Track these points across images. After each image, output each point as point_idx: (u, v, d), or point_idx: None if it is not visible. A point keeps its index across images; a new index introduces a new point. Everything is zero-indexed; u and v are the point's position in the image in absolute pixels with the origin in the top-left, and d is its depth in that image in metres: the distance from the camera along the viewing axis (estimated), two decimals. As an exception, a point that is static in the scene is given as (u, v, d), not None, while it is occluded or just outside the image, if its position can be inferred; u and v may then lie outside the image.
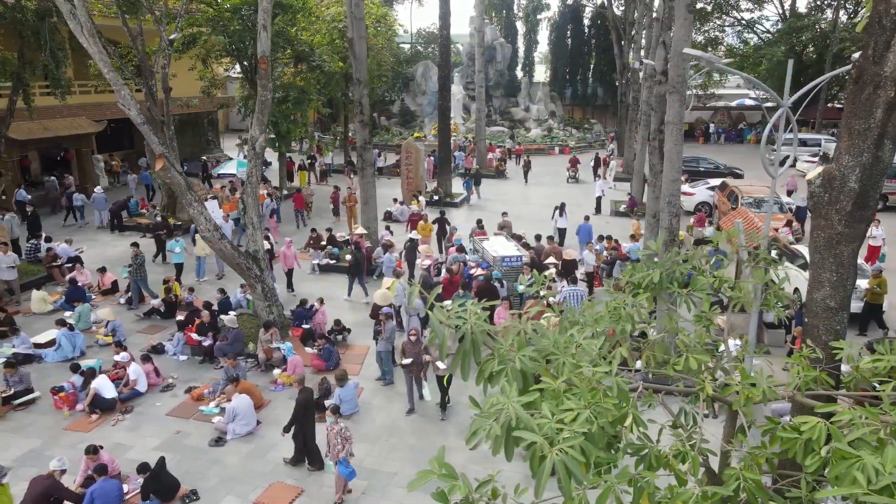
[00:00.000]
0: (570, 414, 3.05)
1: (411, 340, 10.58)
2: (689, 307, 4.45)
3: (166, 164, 11.33)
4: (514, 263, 14.15)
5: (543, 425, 2.98)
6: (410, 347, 10.57)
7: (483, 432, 3.14)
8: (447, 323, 3.47)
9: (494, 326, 3.67)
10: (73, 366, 11.06)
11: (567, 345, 3.64)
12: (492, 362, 3.48)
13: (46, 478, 7.91)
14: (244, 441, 9.91)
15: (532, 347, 3.55)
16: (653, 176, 16.74)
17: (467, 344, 3.45)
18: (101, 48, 10.95)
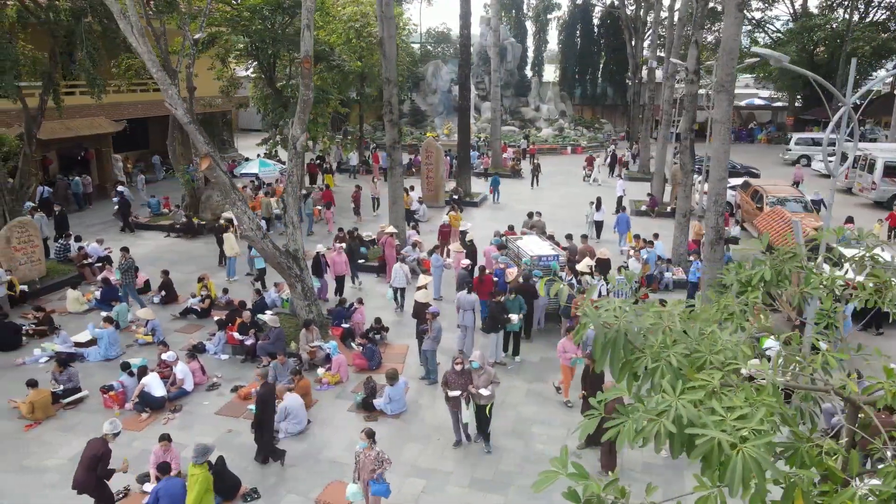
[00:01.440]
0: (740, 412, 3.06)
1: (456, 370, 9.52)
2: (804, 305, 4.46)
3: (212, 163, 11.35)
4: (550, 262, 14.15)
5: (719, 423, 2.98)
6: (455, 378, 9.49)
7: (650, 430, 3.14)
8: (598, 319, 3.48)
9: (643, 322, 3.66)
10: (124, 364, 11.08)
11: (712, 342, 3.65)
12: (643, 359, 3.48)
13: (100, 441, 7.93)
14: (297, 440, 9.93)
15: (683, 345, 3.55)
16: (683, 175, 16.77)
17: (620, 339, 3.46)
18: (150, 48, 10.97)
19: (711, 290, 10.85)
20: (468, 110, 26.69)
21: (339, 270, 15.21)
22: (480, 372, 9.49)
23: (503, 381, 11.76)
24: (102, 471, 7.65)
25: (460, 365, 9.51)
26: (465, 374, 9.49)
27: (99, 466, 7.60)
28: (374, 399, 10.70)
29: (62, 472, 9.06)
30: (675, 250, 17.10)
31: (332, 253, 15.19)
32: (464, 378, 9.46)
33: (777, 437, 3.65)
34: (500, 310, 11.84)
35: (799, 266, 4.87)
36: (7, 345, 12.74)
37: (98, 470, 7.61)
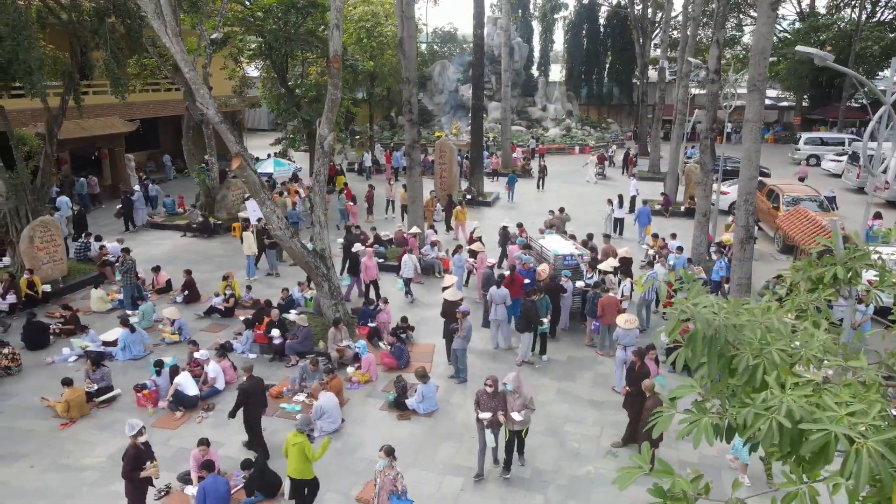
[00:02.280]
0: (850, 408, 3.08)
1: (487, 392, 8.83)
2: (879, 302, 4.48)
3: (243, 162, 11.37)
4: (574, 262, 14.18)
5: (834, 418, 3.00)
6: (487, 400, 8.81)
7: (762, 426, 3.16)
8: (702, 316, 3.51)
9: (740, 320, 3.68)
10: (157, 362, 11.10)
11: (806, 339, 3.67)
12: (742, 355, 3.51)
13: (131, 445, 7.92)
14: (332, 438, 9.91)
15: (782, 341, 3.57)
16: (704, 175, 16.79)
17: (721, 336, 3.48)
18: (184, 48, 10.98)
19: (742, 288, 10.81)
20: (481, 110, 26.71)
21: (371, 275, 15.03)
22: (515, 395, 8.84)
23: (532, 380, 11.82)
24: (125, 471, 7.66)
25: (492, 387, 8.83)
26: (498, 397, 8.85)
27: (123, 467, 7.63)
28: (406, 398, 10.72)
29: (101, 470, 9.11)
30: (695, 249, 17.11)
31: (364, 257, 15.07)
32: (496, 401, 8.81)
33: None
34: (534, 309, 11.83)
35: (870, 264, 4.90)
36: (35, 344, 12.77)
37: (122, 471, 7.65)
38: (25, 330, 12.87)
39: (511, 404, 8.82)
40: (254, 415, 9.53)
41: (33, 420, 10.32)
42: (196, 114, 23.19)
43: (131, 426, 7.92)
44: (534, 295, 12.03)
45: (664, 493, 3.86)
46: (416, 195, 18.27)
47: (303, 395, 11.04)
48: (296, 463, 7.95)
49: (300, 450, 7.91)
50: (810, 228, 13.24)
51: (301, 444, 7.93)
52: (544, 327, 12.26)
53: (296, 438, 8.00)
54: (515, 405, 8.81)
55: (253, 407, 9.51)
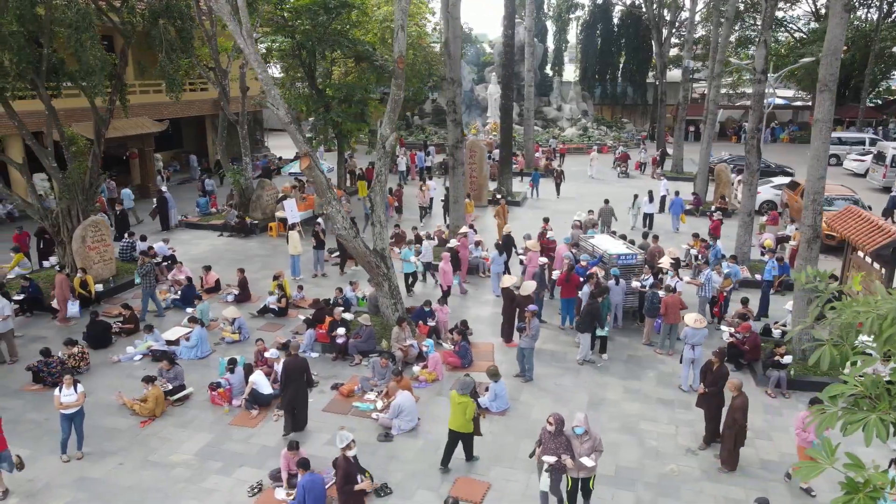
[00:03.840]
0: None
1: (549, 431, 7.90)
2: None
3: (311, 162, 11.46)
4: (630, 261, 14.26)
5: None
6: (549, 440, 7.92)
7: None
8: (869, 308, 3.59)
9: None
10: (230, 360, 11.20)
11: None
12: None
13: (340, 457, 7.99)
14: (411, 436, 10.04)
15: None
16: (749, 175, 16.87)
17: None
18: (257, 49, 11.07)
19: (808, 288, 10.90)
20: (510, 109, 26.79)
21: (448, 280, 14.83)
22: (584, 438, 7.89)
23: (597, 378, 11.92)
24: (338, 485, 7.82)
25: (554, 425, 7.89)
26: (562, 437, 7.89)
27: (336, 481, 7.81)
28: (477, 397, 10.79)
29: (191, 467, 9.20)
30: (739, 249, 17.19)
31: (441, 262, 14.98)
32: (558, 442, 7.85)
33: None
34: (597, 309, 11.94)
35: None
36: (99, 343, 12.87)
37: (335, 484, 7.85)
38: (89, 329, 12.97)
39: (578, 448, 7.87)
40: (290, 394, 9.85)
41: (114, 418, 10.42)
42: (230, 114, 23.34)
43: (341, 438, 7.96)
44: (600, 296, 12.10)
45: (856, 485, 3.93)
46: (458, 195, 18.36)
47: (374, 393, 11.13)
48: (458, 419, 8.95)
49: (463, 408, 8.88)
50: (866, 228, 13.30)
51: (465, 403, 8.89)
52: (604, 331, 12.30)
53: (460, 398, 8.90)
54: (583, 448, 7.87)
55: (290, 385, 9.79)
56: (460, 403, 8.91)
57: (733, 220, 24.16)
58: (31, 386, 11.41)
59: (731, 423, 8.71)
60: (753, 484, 8.89)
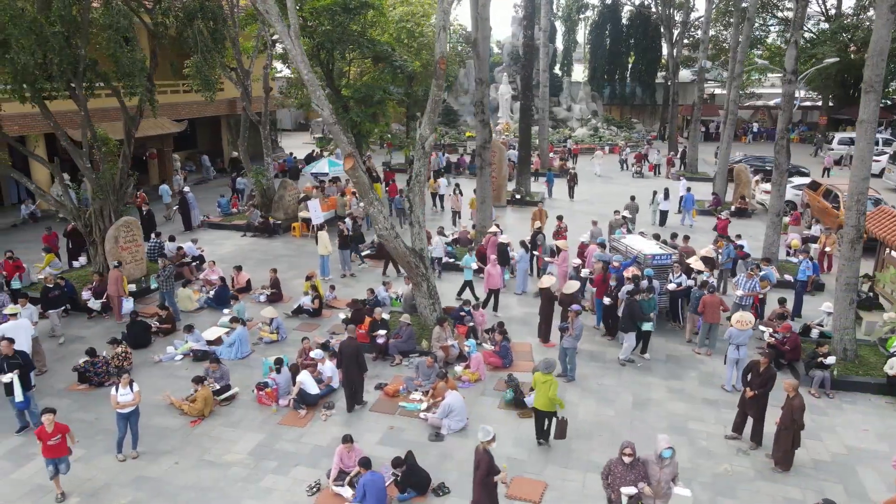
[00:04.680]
0: None
1: (625, 461, 7.24)
2: None
3: (356, 163, 11.49)
4: (665, 261, 14.28)
5: None
6: (624, 472, 7.22)
7: None
8: None
9: None
10: (277, 360, 11.23)
11: None
12: None
13: (480, 450, 7.78)
14: (461, 436, 10.07)
15: None
16: (778, 175, 16.90)
17: None
18: (303, 50, 11.10)
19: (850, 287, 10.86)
20: (530, 110, 26.80)
21: (493, 284, 14.52)
22: (666, 462, 7.23)
23: (639, 378, 11.96)
24: (481, 477, 7.63)
25: (630, 456, 7.27)
26: (638, 467, 7.30)
27: (477, 473, 7.65)
28: (523, 396, 10.83)
29: (247, 466, 9.23)
30: (768, 249, 17.22)
31: (487, 265, 14.80)
32: (636, 472, 7.25)
33: None
34: (639, 309, 11.97)
35: None
36: (139, 343, 12.90)
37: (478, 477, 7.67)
38: (129, 329, 13.01)
39: (657, 474, 7.17)
40: (347, 374, 10.59)
41: (163, 418, 10.45)
42: (252, 114, 23.39)
43: (486, 431, 7.77)
44: (638, 295, 12.13)
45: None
46: (485, 194, 18.40)
47: (419, 393, 11.16)
48: (542, 398, 9.41)
49: (547, 387, 9.36)
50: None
51: (549, 381, 9.37)
52: (649, 326, 12.33)
53: (544, 377, 9.40)
54: (663, 474, 7.19)
55: (346, 366, 10.51)
56: (544, 382, 9.39)
57: (753, 220, 24.33)
58: (77, 386, 11.45)
59: (790, 424, 8.73)
60: (809, 484, 8.91)
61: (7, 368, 9.74)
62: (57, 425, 8.34)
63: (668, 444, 7.25)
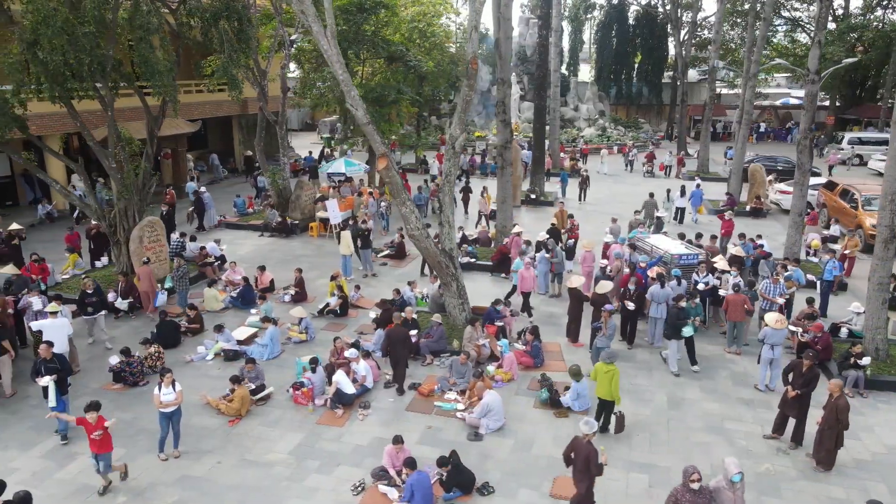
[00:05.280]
0: None
1: (692, 488, 6.99)
2: None
3: (389, 163, 11.51)
4: (691, 261, 14.31)
5: None
6: (693, 498, 6.98)
7: None
8: None
9: None
10: (312, 359, 11.24)
11: None
12: None
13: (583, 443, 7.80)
14: (499, 436, 10.08)
15: None
16: (801, 175, 16.92)
17: None
18: (339, 51, 11.12)
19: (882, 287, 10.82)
20: (544, 110, 26.84)
21: (526, 287, 14.40)
22: (737, 487, 7.10)
23: (671, 378, 11.96)
24: (595, 469, 7.68)
25: (697, 483, 7.02)
26: (705, 494, 7.06)
27: (591, 466, 7.67)
28: (562, 397, 10.85)
29: (290, 466, 9.25)
30: (790, 249, 17.24)
31: (521, 268, 14.59)
32: (704, 498, 7.05)
33: None
34: (681, 315, 11.78)
35: None
36: (169, 343, 12.90)
37: (591, 469, 7.68)
38: (159, 329, 13.02)
39: (729, 499, 7.04)
40: (394, 357, 11.35)
41: (201, 417, 10.46)
42: (269, 114, 23.41)
43: (591, 424, 7.79)
44: (681, 301, 11.95)
45: None
46: (506, 194, 18.42)
47: (453, 392, 11.18)
48: (605, 387, 9.82)
49: (610, 377, 9.75)
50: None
51: (612, 371, 9.74)
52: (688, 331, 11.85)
53: (606, 367, 9.80)
54: (737, 497, 7.06)
55: (396, 350, 11.31)
56: (607, 373, 9.76)
57: (768, 220, 24.36)
58: (111, 385, 11.47)
59: (834, 424, 8.75)
60: (852, 483, 8.93)
61: (45, 372, 9.67)
62: (100, 419, 8.34)
63: (738, 468, 7.10)
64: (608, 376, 9.77)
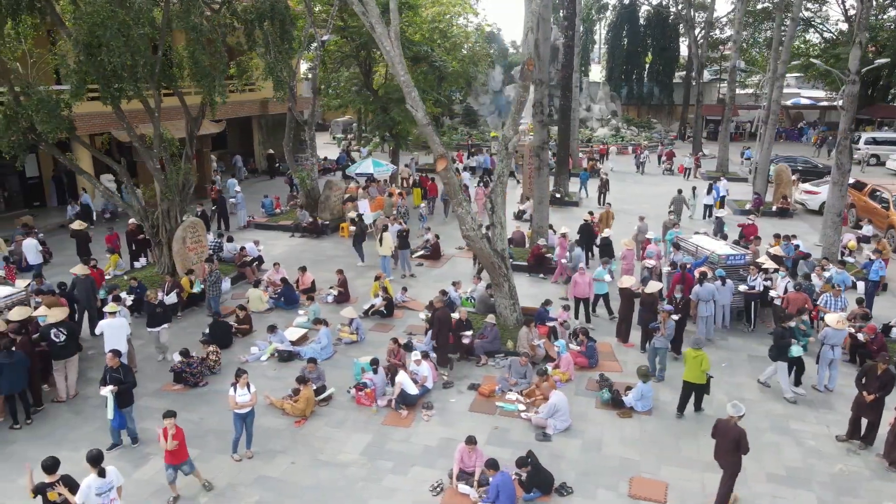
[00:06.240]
0: None
1: None
2: None
3: (448, 164, 11.52)
4: (739, 262, 14.33)
5: None
6: None
7: None
8: None
9: None
10: (373, 360, 11.25)
11: None
12: None
13: (732, 425, 8.15)
14: (567, 436, 10.10)
15: None
16: (840, 175, 16.97)
17: None
18: (402, 52, 11.14)
19: None
20: (569, 111, 26.87)
21: (581, 292, 14.08)
22: None
23: (728, 378, 11.97)
24: (744, 449, 8.09)
25: None
26: None
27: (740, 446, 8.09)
28: (625, 397, 10.87)
29: (364, 466, 9.26)
30: (827, 249, 17.27)
31: (575, 273, 14.37)
32: None
33: None
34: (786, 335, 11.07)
35: None
36: (221, 343, 12.88)
37: (741, 449, 8.10)
38: (212, 329, 13.01)
39: None
40: (440, 340, 11.91)
41: (267, 418, 10.45)
42: (298, 115, 23.43)
43: (738, 407, 8.18)
44: (789, 321, 11.40)
45: None
46: (543, 195, 18.45)
47: (513, 393, 11.19)
48: (695, 371, 10.29)
49: (699, 361, 10.24)
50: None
51: (700, 356, 10.25)
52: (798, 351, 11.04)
53: (695, 353, 10.29)
54: None
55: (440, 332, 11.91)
56: (696, 357, 10.26)
57: (794, 220, 24.38)
58: (172, 386, 11.48)
59: (913, 426, 8.77)
60: (925, 483, 8.96)
61: (109, 381, 9.35)
62: (177, 430, 8.32)
63: None
64: (697, 360, 10.25)
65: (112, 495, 7.25)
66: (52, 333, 10.46)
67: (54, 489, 7.04)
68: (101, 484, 7.14)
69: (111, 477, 7.28)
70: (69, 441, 9.91)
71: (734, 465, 8.20)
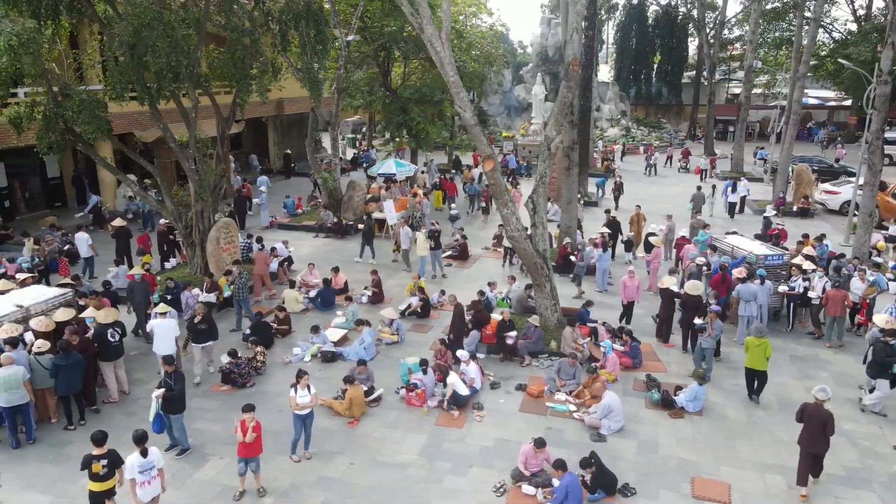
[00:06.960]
0: None
1: None
2: None
3: (496, 164, 11.53)
4: (776, 262, 14.34)
5: None
6: None
7: None
8: None
9: None
10: (422, 360, 11.25)
11: None
12: None
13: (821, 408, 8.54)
14: (621, 436, 10.10)
15: None
16: (871, 175, 16.98)
17: None
18: (451, 52, 11.15)
19: None
20: (589, 111, 26.90)
21: (630, 296, 13.89)
22: None
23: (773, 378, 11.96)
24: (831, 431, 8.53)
25: None
26: None
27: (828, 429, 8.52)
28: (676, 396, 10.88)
29: (423, 467, 9.26)
30: (858, 249, 17.29)
31: (625, 276, 14.18)
32: None
33: None
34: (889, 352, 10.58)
35: None
36: (265, 343, 12.86)
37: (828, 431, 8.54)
38: (254, 329, 13.02)
39: None
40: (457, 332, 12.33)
41: (320, 419, 10.33)
42: (321, 116, 23.41)
43: (825, 391, 8.65)
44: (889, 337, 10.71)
45: None
46: (571, 196, 18.46)
47: (562, 393, 11.20)
48: (757, 358, 10.74)
49: (763, 349, 10.65)
50: None
51: (763, 344, 10.65)
52: None
53: (758, 341, 10.69)
54: None
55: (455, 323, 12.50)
56: (759, 346, 10.66)
57: (815, 220, 24.40)
58: (220, 387, 11.48)
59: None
60: None
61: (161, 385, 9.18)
62: (256, 423, 8.36)
63: None
64: (760, 349, 10.63)
65: (154, 473, 7.53)
66: (108, 334, 10.45)
67: (99, 462, 7.29)
68: (143, 462, 7.44)
69: (153, 456, 7.55)
70: (124, 442, 9.75)
71: (822, 446, 8.52)
